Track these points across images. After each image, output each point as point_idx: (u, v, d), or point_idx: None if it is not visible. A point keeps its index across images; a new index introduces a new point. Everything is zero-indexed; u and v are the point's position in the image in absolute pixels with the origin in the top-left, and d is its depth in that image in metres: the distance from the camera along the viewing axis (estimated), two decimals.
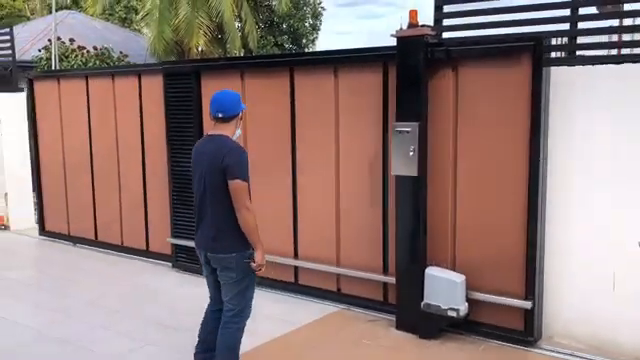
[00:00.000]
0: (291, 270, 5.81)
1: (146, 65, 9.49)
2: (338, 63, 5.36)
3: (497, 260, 4.59)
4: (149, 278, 6.51)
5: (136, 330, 4.96)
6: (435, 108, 4.72)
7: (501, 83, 4.46)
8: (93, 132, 7.65)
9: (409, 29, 4.67)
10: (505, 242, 4.54)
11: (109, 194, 7.55)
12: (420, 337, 4.73)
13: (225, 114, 3.67)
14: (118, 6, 25.35)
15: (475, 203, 4.67)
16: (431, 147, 4.75)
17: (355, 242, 5.39)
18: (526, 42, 4.34)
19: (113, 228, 7.56)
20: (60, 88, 8.04)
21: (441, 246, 4.83)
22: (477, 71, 4.57)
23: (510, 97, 4.43)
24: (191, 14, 17.27)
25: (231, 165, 3.52)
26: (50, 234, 8.45)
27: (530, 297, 4.45)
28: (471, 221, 4.70)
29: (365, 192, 5.27)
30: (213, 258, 3.70)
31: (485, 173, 4.60)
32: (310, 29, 23.12)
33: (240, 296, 3.72)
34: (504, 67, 4.44)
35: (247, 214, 3.55)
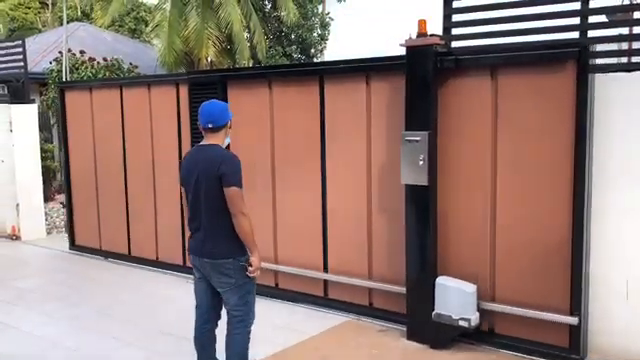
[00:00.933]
0: (320, 283, 5.73)
1: (177, 75, 9.26)
2: (371, 70, 5.22)
3: (538, 271, 4.42)
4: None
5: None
6: (467, 118, 4.65)
7: (544, 90, 4.32)
8: (127, 143, 7.42)
9: (418, 38, 4.67)
10: (547, 252, 4.36)
11: (144, 207, 7.32)
12: (431, 347, 4.70)
13: (215, 124, 3.76)
14: (128, 17, 25.60)
15: (514, 213, 4.51)
16: (470, 157, 4.66)
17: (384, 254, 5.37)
18: (572, 48, 4.22)
19: (148, 243, 7.31)
20: (92, 98, 7.85)
21: (478, 257, 4.71)
22: (518, 78, 4.44)
23: (554, 104, 4.29)
24: (201, 25, 17.41)
25: (227, 173, 3.61)
26: (80, 248, 8.20)
27: (576, 312, 4.26)
28: (511, 232, 4.53)
29: (390, 201, 5.21)
30: (210, 264, 3.74)
31: (526, 181, 4.44)
32: (319, 39, 23.22)
33: (242, 301, 3.77)
34: (547, 74, 4.31)
35: (243, 219, 3.64)
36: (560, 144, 4.28)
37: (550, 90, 4.31)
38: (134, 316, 5.58)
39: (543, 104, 4.34)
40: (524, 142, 4.44)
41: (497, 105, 4.54)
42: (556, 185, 4.32)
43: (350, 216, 5.45)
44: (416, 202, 4.77)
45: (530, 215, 4.44)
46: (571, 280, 4.29)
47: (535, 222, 4.43)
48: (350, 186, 5.42)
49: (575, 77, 4.19)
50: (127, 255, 7.57)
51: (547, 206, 4.37)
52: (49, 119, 17.82)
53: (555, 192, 4.33)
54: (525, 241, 4.47)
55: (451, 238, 4.83)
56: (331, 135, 5.50)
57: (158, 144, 7.10)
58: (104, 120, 7.70)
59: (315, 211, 5.64)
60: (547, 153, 4.34)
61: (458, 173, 4.75)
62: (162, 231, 7.15)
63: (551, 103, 4.31)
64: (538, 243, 4.41)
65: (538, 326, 4.44)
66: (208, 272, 3.79)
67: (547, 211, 4.37)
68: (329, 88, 5.47)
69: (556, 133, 4.30)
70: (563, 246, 4.30)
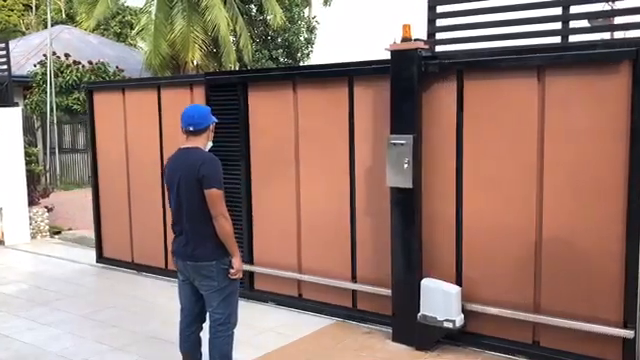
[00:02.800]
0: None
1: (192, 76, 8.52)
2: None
3: (586, 281, 4.26)
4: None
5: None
6: (510, 121, 4.51)
7: (597, 91, 4.16)
8: (165, 148, 6.71)
9: (402, 42, 4.72)
10: (595, 260, 4.21)
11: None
12: (417, 349, 4.73)
13: (196, 127, 3.80)
14: (113, 21, 25.49)
15: (563, 220, 4.33)
16: (522, 162, 4.47)
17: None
18: (626, 48, 4.02)
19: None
20: (125, 99, 7.22)
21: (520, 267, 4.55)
22: (568, 80, 4.26)
23: (608, 105, 4.12)
24: (187, 28, 17.39)
25: (207, 175, 3.64)
26: (109, 261, 7.59)
27: (631, 325, 4.05)
28: (561, 241, 4.35)
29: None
30: (193, 267, 3.76)
31: (577, 185, 4.27)
32: (305, 43, 23.26)
33: (224, 304, 3.78)
34: (598, 75, 4.14)
35: (224, 221, 3.65)
36: (613, 147, 4.12)
37: (603, 91, 4.15)
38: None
39: (596, 106, 4.18)
40: (577, 145, 4.26)
41: (545, 107, 4.34)
42: (608, 186, 4.15)
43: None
44: (401, 205, 4.81)
45: (577, 225, 4.30)
46: (624, 290, 4.08)
47: (583, 232, 4.26)
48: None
49: (630, 79, 4.01)
50: (163, 269, 6.95)
51: (597, 212, 4.20)
52: (33, 122, 17.70)
53: (607, 195, 4.14)
54: (573, 247, 4.30)
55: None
56: (360, 138, 5.25)
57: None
58: (138, 123, 7.14)
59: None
60: (600, 157, 4.17)
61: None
62: None
63: (606, 105, 4.14)
64: (587, 248, 4.24)
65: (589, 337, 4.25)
66: (191, 275, 3.80)
67: (597, 219, 4.20)
68: (359, 90, 5.24)
69: (610, 136, 4.14)
70: (614, 253, 4.11)
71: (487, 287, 4.66)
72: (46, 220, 9.81)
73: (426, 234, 4.87)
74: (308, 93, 5.56)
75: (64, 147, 18.23)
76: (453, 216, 4.79)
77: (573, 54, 4.25)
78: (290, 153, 5.69)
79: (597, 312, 4.21)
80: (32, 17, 29.43)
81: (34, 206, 9.71)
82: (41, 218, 9.73)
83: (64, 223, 10.79)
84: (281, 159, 5.76)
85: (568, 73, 4.25)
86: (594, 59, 4.16)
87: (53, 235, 9.90)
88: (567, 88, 4.26)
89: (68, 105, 17.52)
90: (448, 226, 4.82)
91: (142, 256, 7.24)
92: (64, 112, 17.71)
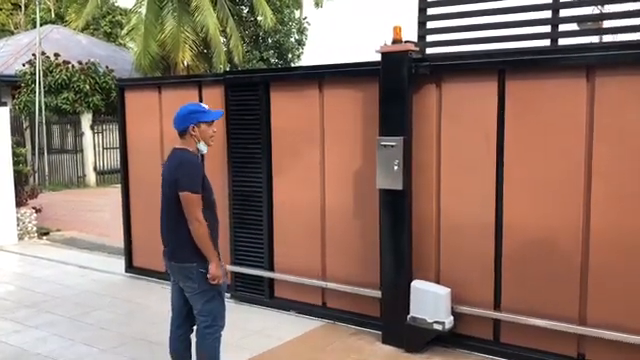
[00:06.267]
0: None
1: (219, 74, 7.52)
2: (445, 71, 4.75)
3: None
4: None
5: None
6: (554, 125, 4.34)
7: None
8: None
9: (393, 45, 4.72)
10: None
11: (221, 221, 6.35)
12: (406, 351, 4.73)
13: (176, 128, 3.78)
14: (103, 21, 25.38)
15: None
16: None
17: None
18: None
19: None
20: (162, 98, 6.76)
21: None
22: (616, 80, 4.07)
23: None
24: (177, 29, 17.35)
25: (180, 177, 3.60)
26: (139, 271, 7.10)
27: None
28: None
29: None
30: (175, 268, 3.76)
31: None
32: (296, 44, 23.28)
33: (208, 307, 3.74)
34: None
35: (197, 226, 3.58)
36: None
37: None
38: None
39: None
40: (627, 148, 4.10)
41: (594, 109, 4.18)
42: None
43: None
44: (391, 207, 4.81)
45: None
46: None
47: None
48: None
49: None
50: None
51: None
52: (21, 122, 17.57)
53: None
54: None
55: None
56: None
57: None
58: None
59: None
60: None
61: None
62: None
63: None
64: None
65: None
66: (176, 276, 3.80)
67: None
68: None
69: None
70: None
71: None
72: (34, 221, 9.73)
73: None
74: (336, 93, 5.34)
75: (53, 147, 18.12)
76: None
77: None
78: (315, 156, 5.49)
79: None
80: (21, 16, 29.22)
81: (22, 207, 9.61)
82: (29, 219, 9.65)
83: (53, 224, 10.70)
84: (304, 159, 5.58)
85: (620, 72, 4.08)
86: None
87: (41, 236, 9.82)
88: (620, 87, 4.10)
89: (57, 105, 17.41)
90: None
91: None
92: (53, 112, 17.60)
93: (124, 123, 7.16)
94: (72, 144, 18.18)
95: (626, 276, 4.06)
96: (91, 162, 18.02)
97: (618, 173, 4.08)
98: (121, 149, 7.27)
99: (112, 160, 17.82)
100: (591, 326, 4.20)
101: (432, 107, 4.78)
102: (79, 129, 17.94)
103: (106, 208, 12.46)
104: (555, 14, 4.74)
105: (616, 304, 4.12)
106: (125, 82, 7.74)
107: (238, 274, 5.99)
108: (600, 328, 4.15)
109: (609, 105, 4.09)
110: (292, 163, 5.67)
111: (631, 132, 4.02)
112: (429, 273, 4.87)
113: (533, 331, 4.41)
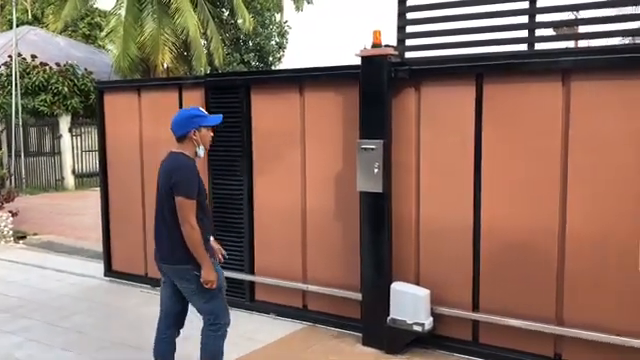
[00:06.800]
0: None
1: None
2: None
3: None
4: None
5: None
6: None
7: (626, 97, 4.03)
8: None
9: (372, 49, 4.76)
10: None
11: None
12: (386, 352, 4.75)
13: (175, 134, 3.80)
14: (82, 22, 25.11)
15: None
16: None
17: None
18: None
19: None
20: (141, 101, 6.69)
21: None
22: (592, 84, 4.14)
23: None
24: (157, 31, 17.24)
25: (177, 182, 3.62)
26: (118, 275, 7.02)
27: None
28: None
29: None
30: (170, 270, 3.77)
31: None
32: (277, 47, 23.29)
33: (208, 306, 3.77)
34: (630, 79, 3.99)
35: (190, 230, 3.60)
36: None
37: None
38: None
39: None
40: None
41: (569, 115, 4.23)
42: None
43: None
44: (371, 209, 4.84)
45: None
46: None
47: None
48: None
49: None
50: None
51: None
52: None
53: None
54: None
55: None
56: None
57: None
58: (155, 126, 6.50)
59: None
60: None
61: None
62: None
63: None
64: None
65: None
66: (172, 277, 3.81)
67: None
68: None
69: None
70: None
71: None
72: (10, 225, 9.59)
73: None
74: (317, 96, 5.35)
75: (30, 150, 17.88)
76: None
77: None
78: (296, 159, 5.49)
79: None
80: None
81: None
82: (5, 223, 9.51)
83: (30, 228, 10.56)
84: (285, 162, 5.58)
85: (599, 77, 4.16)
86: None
87: (18, 240, 9.69)
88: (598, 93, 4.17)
89: (35, 107, 17.18)
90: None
91: (156, 269, 6.66)
92: (30, 114, 17.36)
93: (103, 126, 7.09)
94: (50, 147, 17.96)
95: (601, 277, 4.14)
96: (69, 165, 17.81)
97: (593, 176, 4.15)
98: (100, 152, 7.20)
99: (91, 163, 17.61)
100: (567, 326, 4.26)
101: (411, 110, 4.83)
102: (57, 131, 17.73)
103: (85, 211, 12.34)
104: (532, 19, 4.82)
105: (592, 304, 4.19)
106: (104, 84, 7.66)
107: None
108: (576, 328, 4.21)
109: (584, 109, 4.16)
110: (273, 166, 5.67)
111: (605, 135, 4.10)
112: (409, 275, 4.91)
113: (511, 331, 4.47)
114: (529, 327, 4.37)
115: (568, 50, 4.79)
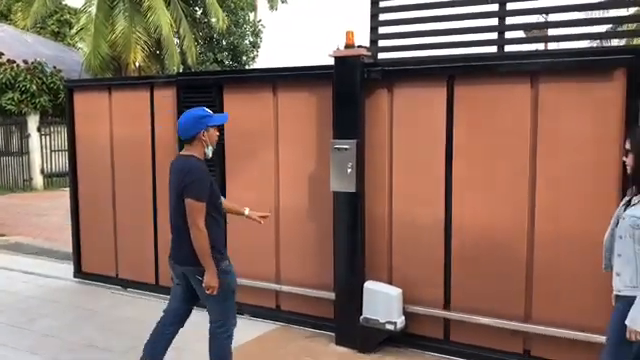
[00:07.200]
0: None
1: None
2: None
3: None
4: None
5: None
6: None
7: (592, 98, 4.10)
8: (158, 153, 6.20)
9: (346, 49, 4.78)
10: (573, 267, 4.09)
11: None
12: (359, 352, 4.78)
13: (182, 136, 3.79)
14: (50, 19, 24.64)
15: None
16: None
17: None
18: (622, 55, 4.01)
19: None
20: (112, 99, 6.59)
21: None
22: (560, 86, 4.20)
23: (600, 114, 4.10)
24: (128, 29, 17.04)
25: (187, 184, 3.62)
26: (88, 276, 6.89)
27: None
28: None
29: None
30: (186, 271, 3.80)
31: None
32: (250, 46, 23.21)
33: (221, 306, 3.80)
34: (596, 81, 4.08)
35: (197, 233, 3.60)
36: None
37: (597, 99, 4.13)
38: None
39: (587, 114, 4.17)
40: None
41: (538, 113, 4.30)
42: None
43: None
44: (344, 209, 4.86)
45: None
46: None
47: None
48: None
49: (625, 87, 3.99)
50: (154, 285, 6.39)
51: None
52: None
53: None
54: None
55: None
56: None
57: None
58: (126, 126, 6.48)
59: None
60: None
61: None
62: None
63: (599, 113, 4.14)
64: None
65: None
66: (189, 278, 3.82)
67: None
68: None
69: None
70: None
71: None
72: None
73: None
74: (290, 96, 5.34)
75: None
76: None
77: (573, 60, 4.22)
78: (270, 159, 5.48)
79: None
80: None
81: None
82: None
83: None
84: (258, 161, 5.57)
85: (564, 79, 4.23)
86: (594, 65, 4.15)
87: None
88: (563, 93, 4.24)
89: (1, 105, 16.81)
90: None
91: (130, 270, 6.60)
92: None
93: (73, 125, 6.98)
94: (18, 146, 17.60)
95: (568, 275, 4.22)
96: (38, 165, 17.47)
97: (560, 175, 4.24)
98: (70, 151, 7.08)
99: (61, 163, 17.31)
100: (536, 323, 4.34)
101: (384, 111, 4.86)
102: (25, 130, 17.38)
103: (54, 212, 12.13)
104: (502, 21, 4.89)
105: (559, 302, 4.27)
106: (74, 83, 7.55)
107: None
108: (544, 325, 4.30)
109: (552, 110, 4.25)
110: (246, 166, 5.65)
111: (571, 136, 4.18)
112: (382, 274, 4.94)
113: (481, 329, 4.53)
114: (499, 324, 4.44)
115: (536, 53, 4.88)
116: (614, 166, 4.01)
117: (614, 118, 4.04)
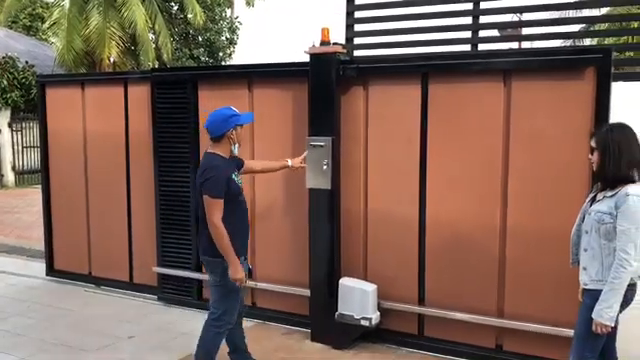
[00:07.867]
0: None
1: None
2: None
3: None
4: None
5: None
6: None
7: (563, 97, 4.17)
8: (132, 149, 6.15)
9: (321, 46, 4.78)
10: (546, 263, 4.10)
11: (149, 225, 5.98)
12: (334, 348, 4.80)
13: (211, 135, 3.90)
14: (22, 14, 24.16)
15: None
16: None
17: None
18: (592, 54, 4.10)
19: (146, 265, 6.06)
20: (85, 95, 6.50)
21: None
22: (532, 84, 4.26)
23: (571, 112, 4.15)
24: (102, 24, 16.81)
25: (204, 181, 3.77)
26: (61, 274, 6.81)
27: None
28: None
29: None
30: (205, 261, 3.99)
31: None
32: (227, 43, 23.05)
33: (221, 300, 3.92)
34: (567, 80, 4.14)
35: (214, 229, 3.75)
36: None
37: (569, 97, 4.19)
38: None
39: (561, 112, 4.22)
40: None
41: (510, 112, 4.35)
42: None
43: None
44: (320, 206, 4.87)
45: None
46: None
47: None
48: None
49: (595, 85, 4.06)
50: (128, 282, 6.35)
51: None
52: None
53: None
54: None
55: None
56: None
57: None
58: (99, 122, 6.40)
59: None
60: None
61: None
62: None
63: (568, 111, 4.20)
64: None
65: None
66: (206, 269, 4.04)
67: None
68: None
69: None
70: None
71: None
72: None
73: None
74: (266, 93, 5.31)
75: None
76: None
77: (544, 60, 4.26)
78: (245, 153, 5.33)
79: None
80: None
81: None
82: None
83: None
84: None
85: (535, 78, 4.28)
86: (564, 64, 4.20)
87: None
88: (534, 92, 4.29)
89: None
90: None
91: (103, 268, 6.53)
92: None
93: (45, 121, 6.87)
94: None
95: (540, 271, 4.30)
96: (9, 161, 17.13)
97: (531, 172, 4.30)
98: (42, 148, 6.96)
99: (33, 159, 16.99)
100: (508, 318, 4.41)
101: (359, 108, 4.88)
102: None
103: (26, 209, 11.92)
104: (475, 20, 4.95)
105: (531, 297, 4.35)
106: (46, 78, 7.41)
107: (165, 276, 5.88)
108: (516, 320, 4.37)
109: (524, 108, 4.31)
110: None
111: (543, 134, 4.25)
112: (357, 270, 4.97)
113: (455, 324, 4.58)
114: (472, 320, 4.50)
115: (509, 51, 4.95)
116: (584, 163, 4.08)
117: (584, 116, 4.12)
